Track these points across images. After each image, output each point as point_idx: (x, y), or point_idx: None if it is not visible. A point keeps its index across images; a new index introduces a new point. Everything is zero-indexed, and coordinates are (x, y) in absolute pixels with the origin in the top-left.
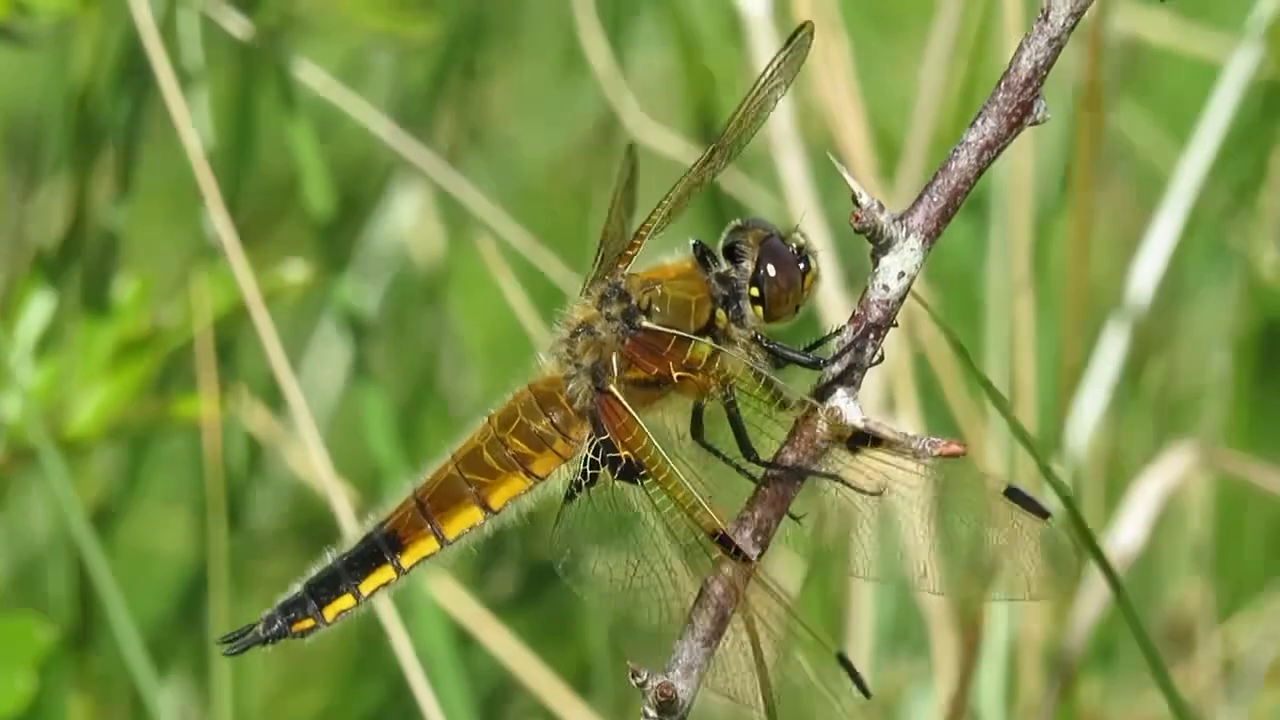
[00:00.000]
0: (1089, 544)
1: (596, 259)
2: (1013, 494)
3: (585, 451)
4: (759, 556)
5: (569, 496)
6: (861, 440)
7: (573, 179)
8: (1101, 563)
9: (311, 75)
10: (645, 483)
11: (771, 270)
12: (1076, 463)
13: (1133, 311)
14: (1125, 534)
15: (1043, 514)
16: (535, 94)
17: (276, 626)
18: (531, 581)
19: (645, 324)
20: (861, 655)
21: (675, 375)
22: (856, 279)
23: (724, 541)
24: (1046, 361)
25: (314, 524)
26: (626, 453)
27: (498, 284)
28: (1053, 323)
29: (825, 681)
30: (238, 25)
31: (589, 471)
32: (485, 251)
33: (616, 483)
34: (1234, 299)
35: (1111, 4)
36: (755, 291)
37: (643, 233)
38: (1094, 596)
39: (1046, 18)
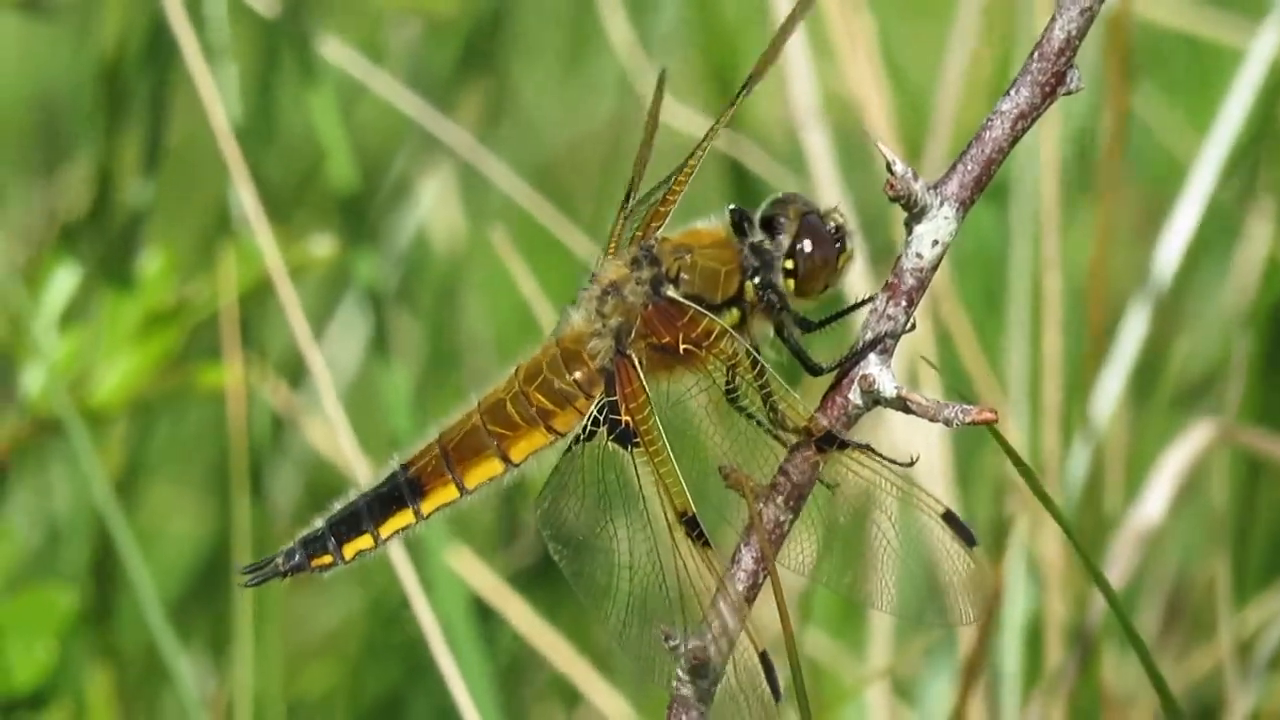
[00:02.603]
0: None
1: (629, 191)
2: (948, 518)
3: (592, 409)
4: (791, 523)
5: (568, 451)
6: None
7: (595, 157)
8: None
9: (336, 52)
10: (635, 450)
11: (808, 246)
12: (1099, 439)
13: (1154, 292)
14: (1147, 509)
15: (971, 542)
16: (557, 73)
17: (296, 560)
18: None
19: (669, 293)
20: (881, 630)
21: (681, 349)
22: (878, 259)
23: (691, 524)
24: (1069, 340)
25: (332, 499)
26: (628, 417)
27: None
28: (1073, 304)
29: (750, 679)
30: (261, 1)
31: (588, 428)
32: (498, 241)
33: (610, 445)
34: (1251, 279)
35: None
36: (789, 265)
37: (674, 194)
38: (1116, 572)
39: None
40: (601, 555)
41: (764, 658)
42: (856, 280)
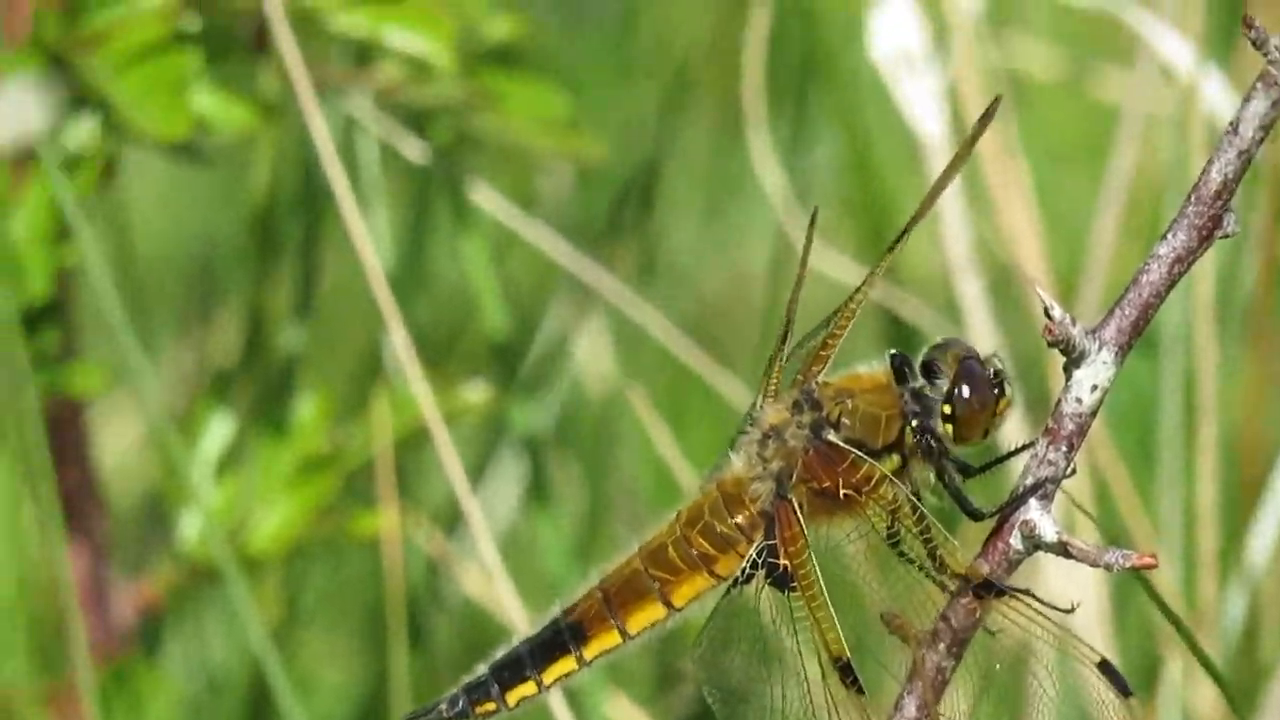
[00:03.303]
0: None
1: (784, 335)
2: (1104, 667)
3: (751, 552)
4: (953, 669)
5: (725, 594)
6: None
7: (749, 305)
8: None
9: (487, 198)
10: (791, 595)
11: (966, 391)
12: (1255, 586)
13: None
14: None
15: (1126, 693)
16: (709, 220)
17: (460, 707)
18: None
19: (830, 437)
20: None
21: (842, 494)
22: (1034, 405)
23: (845, 670)
24: (1223, 488)
25: (489, 648)
26: (786, 561)
27: (670, 407)
28: (1226, 451)
29: None
30: (412, 149)
31: (746, 570)
32: (638, 401)
33: (767, 588)
34: None
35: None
36: (948, 409)
37: (834, 338)
38: None
39: (1236, 130)
40: (756, 700)
41: None
42: (1014, 426)
